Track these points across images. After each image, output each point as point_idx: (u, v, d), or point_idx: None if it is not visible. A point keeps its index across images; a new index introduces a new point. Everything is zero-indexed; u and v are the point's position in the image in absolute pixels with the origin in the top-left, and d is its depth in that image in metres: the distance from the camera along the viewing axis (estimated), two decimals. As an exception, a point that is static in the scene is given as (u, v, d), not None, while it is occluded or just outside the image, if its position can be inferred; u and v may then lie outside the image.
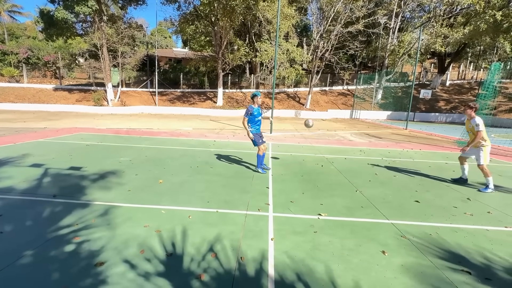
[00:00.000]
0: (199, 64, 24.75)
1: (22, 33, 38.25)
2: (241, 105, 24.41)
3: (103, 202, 3.48)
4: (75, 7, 17.56)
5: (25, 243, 2.49)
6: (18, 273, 2.08)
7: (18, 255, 2.29)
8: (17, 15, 40.63)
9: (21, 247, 2.41)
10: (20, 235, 2.64)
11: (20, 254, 2.31)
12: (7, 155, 5.73)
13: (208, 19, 21.53)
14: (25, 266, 2.16)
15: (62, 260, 2.25)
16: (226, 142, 8.49)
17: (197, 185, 4.31)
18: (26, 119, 13.68)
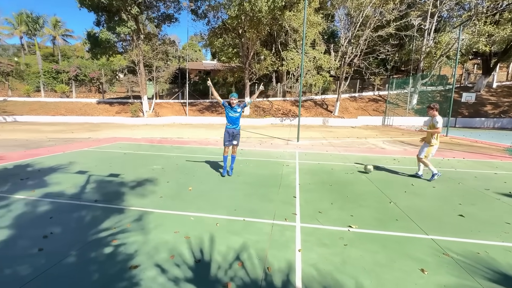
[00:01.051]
0: (227, 75, 25.59)
1: (72, 53, 42.96)
2: (267, 113, 24.57)
3: (137, 208, 3.70)
4: (116, 28, 19.33)
5: (69, 244, 2.72)
6: (63, 271, 2.28)
7: (64, 255, 2.51)
8: (69, 38, 45.80)
9: (67, 248, 2.64)
10: (66, 236, 2.89)
11: (66, 254, 2.53)
12: (57, 163, 6.38)
13: (235, 32, 22.28)
14: (69, 266, 2.36)
15: (101, 261, 2.42)
16: (252, 151, 8.57)
17: (224, 193, 4.39)
18: (74, 130, 15.15)
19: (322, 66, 21.10)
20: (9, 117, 22.19)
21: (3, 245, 2.69)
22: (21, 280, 2.16)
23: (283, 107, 26.09)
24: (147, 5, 22.19)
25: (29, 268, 2.32)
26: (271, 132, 14.79)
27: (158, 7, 23.33)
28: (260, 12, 17.49)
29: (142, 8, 21.18)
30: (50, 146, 9.10)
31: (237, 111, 5.30)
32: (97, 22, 21.67)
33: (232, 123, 5.35)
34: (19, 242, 2.77)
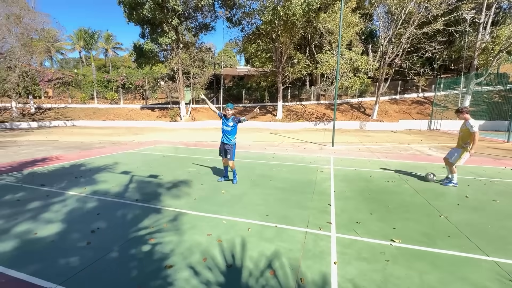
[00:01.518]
0: (260, 79, 25.84)
1: (121, 64, 47.27)
2: (300, 117, 24.17)
3: (173, 209, 3.84)
4: (159, 39, 20.80)
5: (113, 239, 2.92)
6: (106, 266, 2.44)
7: (108, 250, 2.69)
8: (118, 50, 50.60)
9: (110, 243, 2.83)
10: (110, 232, 3.11)
11: (109, 249, 2.71)
12: (105, 163, 6.99)
13: (269, 37, 22.45)
14: (111, 261, 2.52)
15: (139, 259, 2.54)
16: (285, 155, 8.45)
17: (256, 197, 4.36)
18: (120, 133, 16.56)
19: (359, 68, 20.15)
20: (68, 122, 25.12)
21: (58, 237, 2.98)
22: (72, 270, 2.36)
23: (317, 110, 25.44)
24: (186, 16, 23.51)
25: (78, 260, 2.53)
26: (304, 136, 14.48)
27: (196, 17, 24.59)
28: (294, 15, 17.38)
29: (181, 19, 22.49)
30: (100, 148, 10.04)
31: (229, 124, 5.00)
32: (142, 34, 23.58)
33: (224, 135, 5.12)
34: (72, 234, 3.04)
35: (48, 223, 3.32)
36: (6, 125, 21.35)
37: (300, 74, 24.37)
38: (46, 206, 3.92)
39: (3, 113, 26.13)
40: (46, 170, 6.29)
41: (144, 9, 19.08)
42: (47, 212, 3.69)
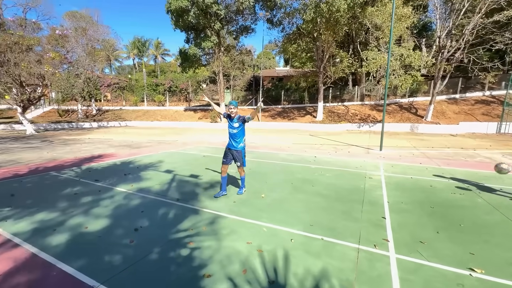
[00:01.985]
0: (299, 80, 25.24)
1: (168, 69, 50.71)
2: (342, 119, 22.92)
3: (212, 211, 3.75)
4: (202, 43, 21.69)
5: (154, 240, 2.90)
6: (146, 268, 2.39)
7: (149, 251, 2.66)
8: (166, 56, 54.43)
9: (151, 244, 2.81)
10: (151, 231, 3.11)
11: (150, 250, 2.68)
12: (151, 162, 7.35)
13: (310, 36, 21.78)
14: (151, 263, 2.46)
15: (178, 263, 2.45)
16: (327, 159, 7.92)
17: (297, 204, 4.05)
18: (166, 133, 17.60)
19: (411, 65, 18.29)
20: (122, 122, 27.69)
21: (105, 232, 3.08)
22: (115, 269, 2.36)
23: (360, 111, 23.86)
24: (228, 20, 24.12)
25: (121, 258, 2.53)
26: (347, 139, 13.58)
27: (237, 21, 25.08)
28: (338, 11, 16.52)
29: (223, 23, 23.13)
30: (147, 147, 10.70)
31: (234, 125, 4.24)
32: (187, 40, 24.87)
33: (231, 139, 4.34)
34: (117, 230, 3.12)
35: (98, 218, 3.48)
36: (73, 125, 24.37)
37: (342, 73, 23.13)
38: (98, 201, 4.15)
39: (71, 114, 29.93)
40: (101, 166, 6.82)
41: (189, 15, 20.06)
42: (98, 207, 3.89)
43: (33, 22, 18.19)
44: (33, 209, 3.80)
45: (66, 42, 17.88)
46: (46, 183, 5.26)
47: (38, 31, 18.12)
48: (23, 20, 17.39)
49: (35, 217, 3.50)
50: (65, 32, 17.83)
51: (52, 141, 12.71)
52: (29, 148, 10.35)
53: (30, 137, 14.73)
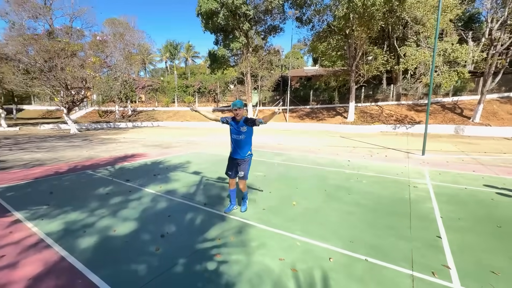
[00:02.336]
0: (329, 79, 24.30)
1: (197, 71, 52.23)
2: (376, 120, 21.57)
3: (240, 218, 3.52)
4: (230, 44, 21.85)
5: (180, 248, 2.73)
6: (170, 282, 2.21)
7: (174, 262, 2.49)
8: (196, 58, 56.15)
9: (177, 253, 2.64)
10: (177, 239, 2.96)
11: (175, 261, 2.51)
12: (179, 162, 7.38)
13: (341, 33, 20.83)
14: (176, 276, 2.28)
15: (204, 279, 2.24)
16: (363, 163, 7.32)
17: (333, 215, 3.66)
18: (194, 134, 17.95)
19: (456, 60, 16.58)
20: (155, 123, 28.97)
21: (132, 237, 2.99)
22: (139, 281, 2.22)
23: (396, 112, 22.27)
24: (256, 20, 24.02)
25: (145, 269, 2.39)
26: (382, 142, 12.64)
27: (265, 21, 24.89)
28: (374, 5, 15.53)
29: (251, 24, 23.08)
30: (177, 147, 10.89)
31: (241, 130, 3.48)
32: (216, 41, 25.26)
33: (235, 147, 3.60)
34: (144, 236, 3.02)
35: (126, 221, 3.43)
36: (110, 125, 26.03)
37: (376, 71, 21.80)
38: (127, 202, 4.15)
39: (109, 115, 32.03)
40: (133, 166, 6.99)
41: (218, 17, 20.30)
42: (127, 208, 3.87)
43: (77, 29, 19.74)
44: (68, 208, 3.89)
45: (106, 47, 19.11)
46: (82, 181, 5.45)
47: (82, 38, 19.59)
48: (69, 28, 18.93)
49: (68, 217, 3.55)
50: (105, 38, 19.04)
51: (91, 140, 13.56)
52: (71, 146, 11.10)
53: (73, 136, 15.92)
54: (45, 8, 18.50)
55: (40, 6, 17.71)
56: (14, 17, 16.49)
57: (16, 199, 4.30)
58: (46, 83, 16.53)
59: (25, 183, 5.30)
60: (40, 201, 4.19)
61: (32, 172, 6.25)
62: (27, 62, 15.85)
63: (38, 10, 17.20)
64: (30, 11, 16.66)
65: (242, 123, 3.48)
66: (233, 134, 3.58)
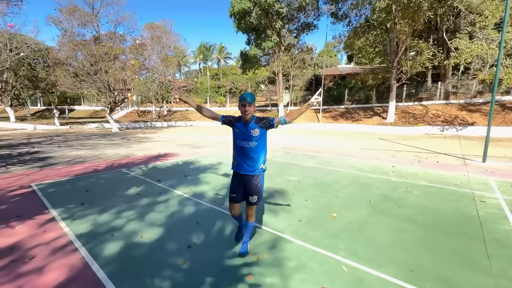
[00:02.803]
0: (367, 77, 22.78)
1: (229, 71, 53.04)
2: (419, 121, 19.67)
3: (273, 230, 3.15)
4: (262, 44, 21.60)
5: (207, 264, 2.44)
6: (196, 307, 1.92)
7: (200, 281, 2.20)
8: (228, 59, 57.12)
9: (203, 269, 2.35)
10: (205, 252, 2.68)
11: (202, 280, 2.22)
12: (210, 162, 7.25)
13: (382, 27, 19.34)
14: (202, 300, 1.99)
15: (233, 307, 1.91)
16: (411, 170, 6.47)
17: (383, 233, 3.10)
18: (225, 133, 18.03)
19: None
20: (188, 122, 29.92)
21: (157, 245, 2.79)
22: (160, 301, 1.96)
23: (444, 112, 20.07)
24: (289, 18, 23.46)
25: (170, 286, 2.14)
26: (429, 145, 11.33)
27: (298, 18, 24.21)
28: (421, -6, 14.06)
29: (284, 22, 22.58)
30: (208, 147, 10.88)
31: (252, 134, 2.50)
32: (248, 41, 25.21)
33: (243, 157, 2.57)
34: (170, 245, 2.80)
35: (153, 226, 3.26)
36: (147, 124, 27.46)
37: (421, 67, 19.86)
38: (156, 204, 4.03)
39: (146, 114, 33.87)
40: (165, 165, 7.02)
41: (251, 16, 20.18)
42: (155, 212, 3.73)
43: (120, 34, 21.09)
44: (100, 207, 3.87)
45: (144, 50, 20.10)
46: (116, 180, 5.54)
47: (124, 42, 20.87)
48: (113, 34, 20.30)
49: (99, 218, 3.50)
50: (144, 42, 20.06)
51: (129, 139, 14.26)
52: (111, 144, 11.72)
53: (114, 135, 16.97)
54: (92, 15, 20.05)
55: (88, 14, 19.23)
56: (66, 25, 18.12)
57: (55, 196, 4.44)
58: (92, 85, 17.88)
59: (66, 179, 5.53)
60: (76, 199, 4.26)
61: (74, 169, 6.56)
62: (76, 66, 17.29)
63: (86, 18, 18.70)
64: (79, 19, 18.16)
65: (253, 125, 2.49)
66: (239, 140, 2.53)
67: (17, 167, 6.81)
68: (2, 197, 4.39)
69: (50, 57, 21.08)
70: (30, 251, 2.69)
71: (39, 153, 9.10)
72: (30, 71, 22.63)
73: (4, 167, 6.88)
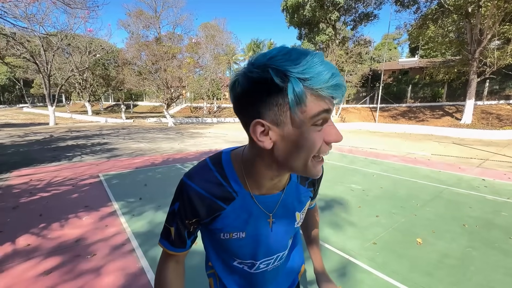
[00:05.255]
0: (438, 71, 19.83)
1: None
2: (506, 123, 16.32)
3: (339, 252, 2.63)
4: (316, 38, 20.55)
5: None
6: None
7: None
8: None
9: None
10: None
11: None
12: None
13: (460, 11, 16.49)
14: None
15: None
16: (510, 186, 5.13)
17: (500, 279, 2.31)
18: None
19: None
20: (236, 119, 30.51)
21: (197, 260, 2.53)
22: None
23: (543, 113, 16.27)
24: (346, 9, 21.81)
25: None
26: (526, 154, 9.13)
27: (356, 8, 22.34)
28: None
29: (340, 13, 21.08)
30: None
31: (298, 216, 0.74)
32: (299, 36, 24.33)
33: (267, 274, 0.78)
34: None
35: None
36: (199, 120, 28.86)
37: (511, 59, 16.37)
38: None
39: (198, 110, 35.68)
40: (216, 162, 6.97)
41: (305, 9, 19.32)
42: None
43: (178, 35, 22.43)
44: (156, 204, 3.86)
45: (199, 48, 20.97)
46: (172, 175, 5.62)
47: (181, 42, 22.14)
48: (172, 34, 21.69)
49: (155, 216, 3.45)
50: (198, 40, 20.94)
51: (182, 134, 15.00)
52: (167, 138, 12.42)
53: (169, 129, 18.13)
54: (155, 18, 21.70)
55: (151, 16, 20.86)
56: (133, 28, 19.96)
57: (118, 187, 4.64)
58: (153, 82, 19.40)
59: (128, 172, 5.84)
60: (136, 193, 4.37)
61: (134, 161, 6.97)
62: (140, 65, 18.93)
63: (150, 20, 20.31)
64: (144, 22, 19.82)
65: (299, 185, 0.73)
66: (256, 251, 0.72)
67: (89, 157, 7.55)
68: (75, 185, 4.77)
69: (119, 58, 23.64)
70: (92, 246, 2.70)
71: (107, 144, 10.08)
72: (104, 70, 25.78)
73: (79, 156, 7.70)
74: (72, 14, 14.55)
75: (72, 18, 15.54)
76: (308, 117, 0.47)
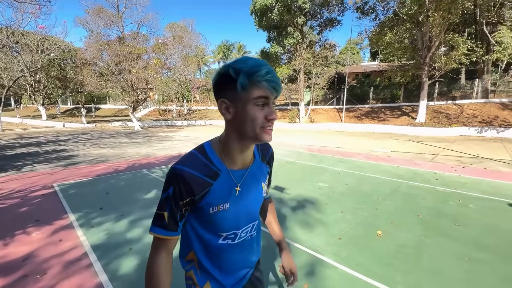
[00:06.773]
0: (395, 74, 21.47)
1: (248, 70, 52.93)
2: (453, 121, 18.19)
3: (308, 249, 2.70)
4: (284, 41, 21.03)
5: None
6: None
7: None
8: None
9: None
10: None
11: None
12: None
13: (413, 20, 18.09)
14: None
15: None
16: (457, 178, 5.71)
17: (448, 263, 2.54)
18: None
19: None
20: (207, 121, 30.02)
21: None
22: None
23: (482, 112, 18.41)
24: (312, 14, 22.66)
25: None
26: (469, 149, 10.25)
27: (321, 14, 23.33)
28: (461, -17, 12.84)
29: (307, 18, 21.85)
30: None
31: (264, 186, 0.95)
32: (269, 39, 24.72)
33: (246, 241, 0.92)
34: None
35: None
36: (168, 122, 27.88)
37: (456, 64, 18.33)
38: (177, 212, 3.71)
39: (167, 113, 34.48)
40: (185, 166, 6.76)
41: (273, 13, 19.68)
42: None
43: (143, 34, 21.47)
44: (119, 213, 3.62)
45: (166, 49, 20.28)
46: (138, 181, 5.34)
47: (146, 42, 21.22)
48: (137, 34, 20.70)
49: (118, 226, 3.24)
50: (165, 41, 20.25)
51: (150, 137, 14.35)
52: (132, 143, 11.79)
53: (136, 133, 17.24)
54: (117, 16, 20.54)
55: (113, 14, 19.71)
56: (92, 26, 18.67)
57: (75, 198, 4.28)
58: (117, 84, 18.32)
59: (87, 180, 5.42)
60: (96, 202, 4.06)
61: (95, 168, 6.49)
62: (102, 65, 17.76)
63: (111, 18, 19.16)
64: (105, 20, 18.65)
65: (261, 162, 0.95)
66: (235, 221, 0.87)
67: (42, 166, 6.88)
68: (24, 198, 4.31)
69: (78, 58, 21.94)
70: (43, 264, 2.45)
71: (64, 151, 9.27)
72: (60, 71, 23.71)
73: (30, 165, 6.98)
74: (20, 9, 13.17)
75: (20, 13, 14.07)
76: (250, 98, 0.72)
